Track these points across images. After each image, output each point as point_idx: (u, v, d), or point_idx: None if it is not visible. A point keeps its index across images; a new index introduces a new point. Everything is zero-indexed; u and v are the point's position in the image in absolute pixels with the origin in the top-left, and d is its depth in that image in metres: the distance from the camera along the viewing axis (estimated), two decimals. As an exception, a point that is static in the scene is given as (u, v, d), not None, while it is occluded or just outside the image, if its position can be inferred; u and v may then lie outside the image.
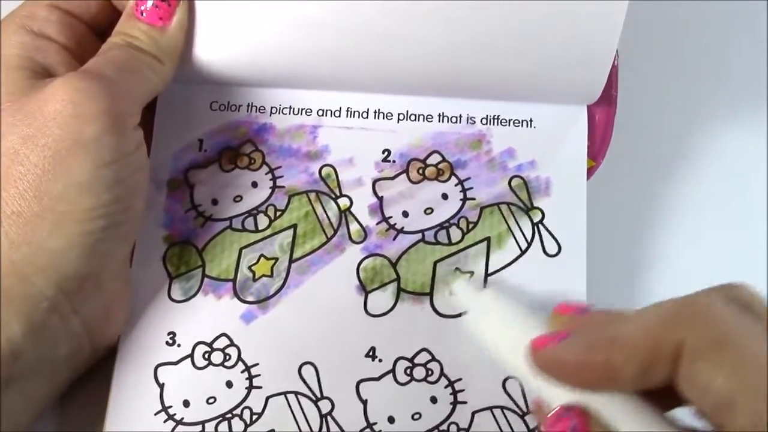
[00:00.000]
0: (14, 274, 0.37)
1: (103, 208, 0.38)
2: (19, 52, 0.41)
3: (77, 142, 0.37)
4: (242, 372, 0.42)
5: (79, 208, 0.38)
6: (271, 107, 0.45)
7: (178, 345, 0.43)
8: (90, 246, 0.38)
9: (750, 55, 0.54)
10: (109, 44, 0.41)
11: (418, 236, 0.44)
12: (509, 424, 0.42)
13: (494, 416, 0.42)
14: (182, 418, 0.42)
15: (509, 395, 0.42)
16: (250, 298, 0.43)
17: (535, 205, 0.44)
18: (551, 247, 0.44)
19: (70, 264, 0.38)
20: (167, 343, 0.43)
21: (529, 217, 0.44)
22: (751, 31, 0.55)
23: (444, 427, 0.42)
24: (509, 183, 0.45)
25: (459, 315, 0.43)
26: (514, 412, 0.42)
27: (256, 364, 0.43)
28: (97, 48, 0.42)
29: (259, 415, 0.42)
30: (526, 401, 0.42)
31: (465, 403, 0.42)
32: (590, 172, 0.45)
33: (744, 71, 0.54)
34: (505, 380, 0.42)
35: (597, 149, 0.45)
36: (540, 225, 0.44)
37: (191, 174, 0.45)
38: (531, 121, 0.45)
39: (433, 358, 0.43)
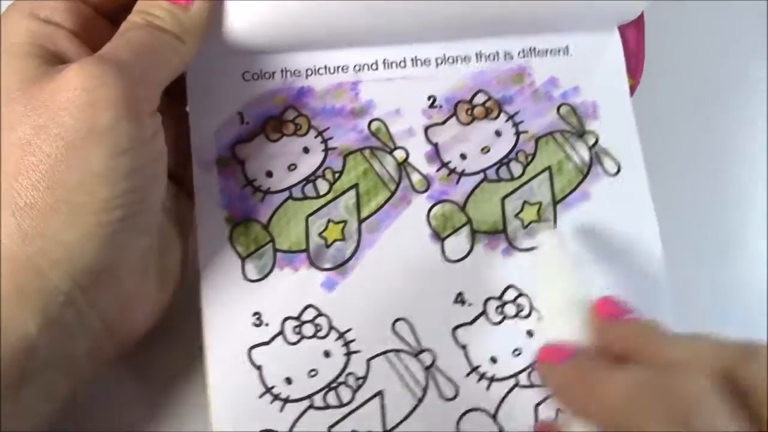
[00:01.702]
0: (29, 268, 0.35)
1: (120, 199, 0.36)
2: (28, 40, 0.38)
3: (91, 131, 0.35)
4: (337, 340, 0.41)
5: (94, 199, 0.36)
6: (306, 69, 0.44)
7: (266, 324, 0.41)
8: (107, 238, 0.36)
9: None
10: (129, 24, 0.39)
11: (480, 176, 0.44)
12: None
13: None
14: (288, 396, 0.41)
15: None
16: (327, 265, 0.42)
17: (587, 129, 0.45)
18: (611, 167, 0.44)
19: (86, 257, 0.36)
20: (254, 324, 0.41)
21: (584, 141, 0.45)
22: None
23: None
24: (558, 111, 0.45)
25: (537, 247, 0.43)
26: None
27: (349, 330, 0.42)
28: (108, 33, 0.39)
29: (364, 378, 0.41)
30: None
31: None
32: (631, 90, 0.46)
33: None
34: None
35: (633, 67, 0.46)
36: (596, 147, 0.45)
37: (238, 149, 0.43)
38: (567, 48, 0.46)
39: (521, 293, 0.43)
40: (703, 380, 0.32)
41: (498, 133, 0.45)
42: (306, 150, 0.44)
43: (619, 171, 0.45)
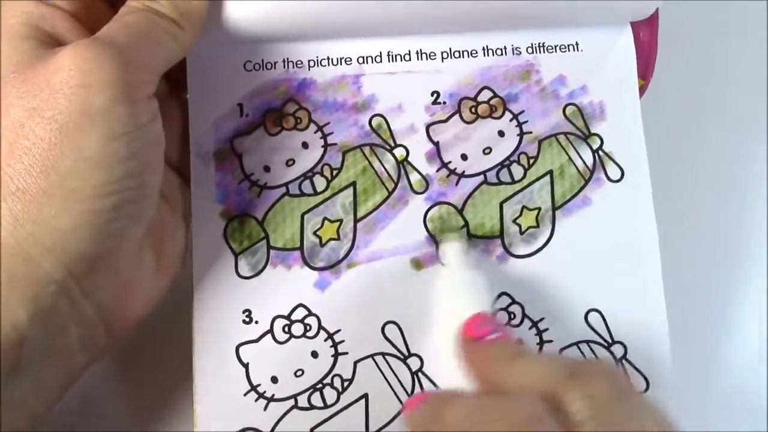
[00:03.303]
0: (19, 255, 0.35)
1: (115, 184, 0.36)
2: (25, 21, 0.37)
3: (86, 114, 0.35)
4: (326, 340, 0.42)
5: (88, 185, 0.35)
6: (309, 60, 0.43)
7: (256, 322, 0.42)
8: (101, 225, 0.36)
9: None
10: (127, 8, 0.39)
11: (480, 178, 0.43)
12: (596, 357, 0.42)
13: (581, 351, 0.42)
14: (273, 395, 0.42)
15: (593, 328, 0.42)
16: (320, 264, 0.42)
17: (593, 131, 0.44)
18: (614, 173, 0.44)
19: (80, 244, 0.36)
20: (244, 321, 0.42)
21: (588, 144, 0.44)
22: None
23: None
24: (563, 112, 0.44)
25: (534, 253, 0.43)
26: (600, 344, 0.43)
27: (338, 331, 0.42)
28: (107, 16, 0.39)
29: (350, 381, 0.42)
30: (610, 332, 0.42)
31: (551, 341, 0.43)
32: (640, 91, 0.44)
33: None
34: (586, 314, 0.42)
35: (644, 67, 0.45)
36: (600, 151, 0.44)
37: (237, 142, 0.43)
38: (577, 44, 0.44)
39: (514, 301, 0.43)
40: (538, 403, 0.33)
41: (501, 134, 0.44)
42: (305, 145, 0.43)
43: (622, 177, 0.44)
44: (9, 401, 0.36)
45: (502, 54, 0.44)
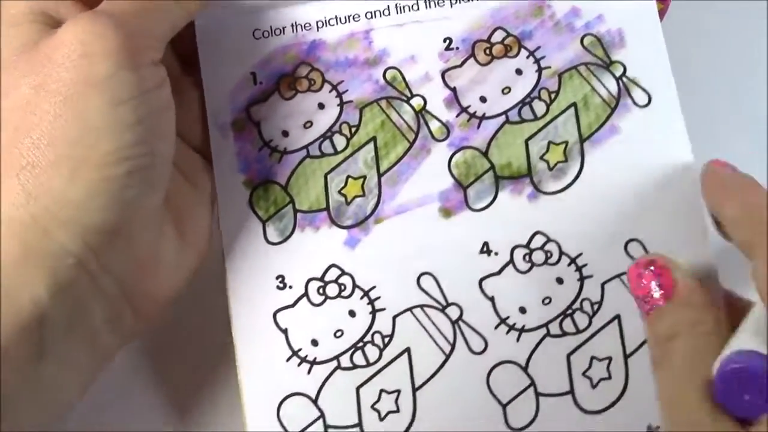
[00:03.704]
0: (35, 229, 0.35)
1: (124, 151, 0.35)
2: (29, 9, 0.38)
3: (88, 83, 0.35)
4: (362, 298, 0.41)
5: (97, 153, 0.35)
6: (317, 22, 0.43)
7: (290, 287, 0.41)
8: (113, 193, 0.36)
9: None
10: None
11: (502, 119, 0.42)
12: (641, 287, 0.40)
13: (624, 283, 0.41)
14: (315, 358, 0.41)
15: (633, 258, 0.41)
16: (348, 223, 0.42)
17: (614, 59, 0.43)
18: (641, 98, 0.42)
19: (94, 215, 0.35)
20: (278, 287, 0.41)
21: (611, 72, 0.43)
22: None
23: (576, 305, 0.41)
24: (581, 42, 0.43)
25: (565, 188, 0.42)
26: (643, 273, 0.41)
27: (374, 287, 0.41)
28: None
29: (390, 336, 0.41)
30: (652, 260, 0.40)
31: (591, 276, 0.41)
32: (660, 14, 0.43)
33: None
34: (626, 245, 0.41)
35: (662, -12, 0.43)
36: (624, 78, 0.42)
37: (253, 111, 0.43)
38: None
39: (549, 239, 0.41)
40: None
41: (519, 72, 0.43)
42: (321, 106, 0.43)
43: (650, 101, 0.42)
44: (38, 384, 0.36)
45: None
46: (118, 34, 0.36)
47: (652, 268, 0.37)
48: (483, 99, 0.43)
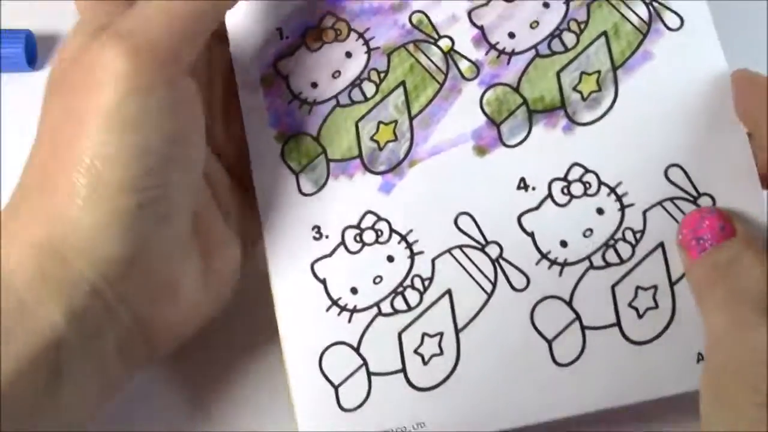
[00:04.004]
0: (53, 254, 0.35)
1: (134, 182, 0.35)
2: (84, 13, 0.39)
3: (99, 111, 0.35)
4: (399, 243, 0.41)
5: (107, 182, 0.35)
6: None
7: (326, 237, 0.41)
8: (126, 225, 0.35)
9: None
10: None
11: (532, 53, 0.42)
12: (683, 213, 0.39)
13: (666, 210, 0.39)
14: (355, 306, 0.41)
15: (675, 184, 0.40)
16: (382, 168, 0.41)
17: (643, -18, 0.41)
18: (673, 21, 0.41)
19: (107, 245, 0.36)
20: (314, 237, 0.41)
21: (640, -4, 0.41)
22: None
23: (619, 235, 0.40)
24: None
25: (600, 118, 0.41)
26: (685, 199, 0.40)
27: (411, 231, 0.41)
28: None
29: (430, 279, 0.40)
30: (694, 186, 0.39)
31: (632, 205, 0.40)
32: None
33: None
34: (666, 171, 0.39)
35: None
36: (654, 2, 0.41)
37: (281, 65, 0.42)
38: None
39: (587, 170, 0.40)
40: None
41: (546, 5, 0.42)
42: (348, 54, 0.43)
43: (682, 24, 0.41)
44: (53, 409, 0.36)
45: None
46: (131, 56, 0.35)
47: (715, 213, 0.38)
48: (511, 35, 0.42)
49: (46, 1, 0.50)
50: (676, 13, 0.41)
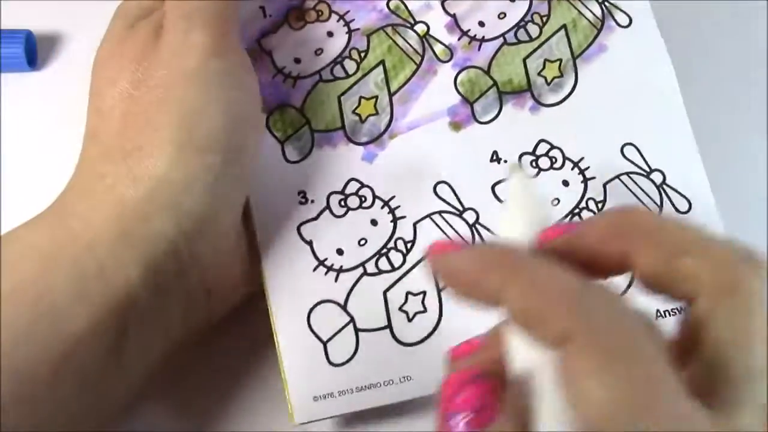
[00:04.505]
0: (137, 213, 0.37)
1: (219, 135, 0.38)
2: (140, 8, 0.41)
3: (183, 75, 0.38)
4: (382, 208, 0.43)
5: (196, 137, 0.37)
6: None
7: (312, 201, 0.43)
8: (210, 182, 0.38)
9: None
10: None
11: (500, 41, 0.46)
12: (638, 186, 0.44)
13: (623, 183, 0.44)
14: (341, 266, 0.43)
15: (630, 160, 0.44)
16: (364, 139, 0.44)
17: (594, -16, 0.46)
18: (622, 19, 0.46)
19: (191, 199, 0.37)
20: (300, 202, 0.43)
21: (593, -5, 0.46)
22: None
23: (582, 204, 0.44)
24: None
25: (563, 101, 0.45)
26: (639, 174, 0.44)
27: (393, 197, 0.43)
28: None
29: (413, 242, 0.43)
30: (647, 162, 0.44)
31: (594, 178, 0.44)
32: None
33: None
34: (622, 148, 0.44)
35: None
36: (606, 2, 0.46)
37: (264, 42, 0.45)
38: None
39: (552, 146, 0.44)
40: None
41: (512, -1, 0.46)
42: (330, 34, 0.45)
43: (630, 22, 0.46)
44: (115, 368, 0.37)
45: None
46: (205, 29, 0.38)
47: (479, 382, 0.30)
48: (482, 24, 0.46)
49: (46, 1, 0.50)
50: (625, 12, 0.46)
